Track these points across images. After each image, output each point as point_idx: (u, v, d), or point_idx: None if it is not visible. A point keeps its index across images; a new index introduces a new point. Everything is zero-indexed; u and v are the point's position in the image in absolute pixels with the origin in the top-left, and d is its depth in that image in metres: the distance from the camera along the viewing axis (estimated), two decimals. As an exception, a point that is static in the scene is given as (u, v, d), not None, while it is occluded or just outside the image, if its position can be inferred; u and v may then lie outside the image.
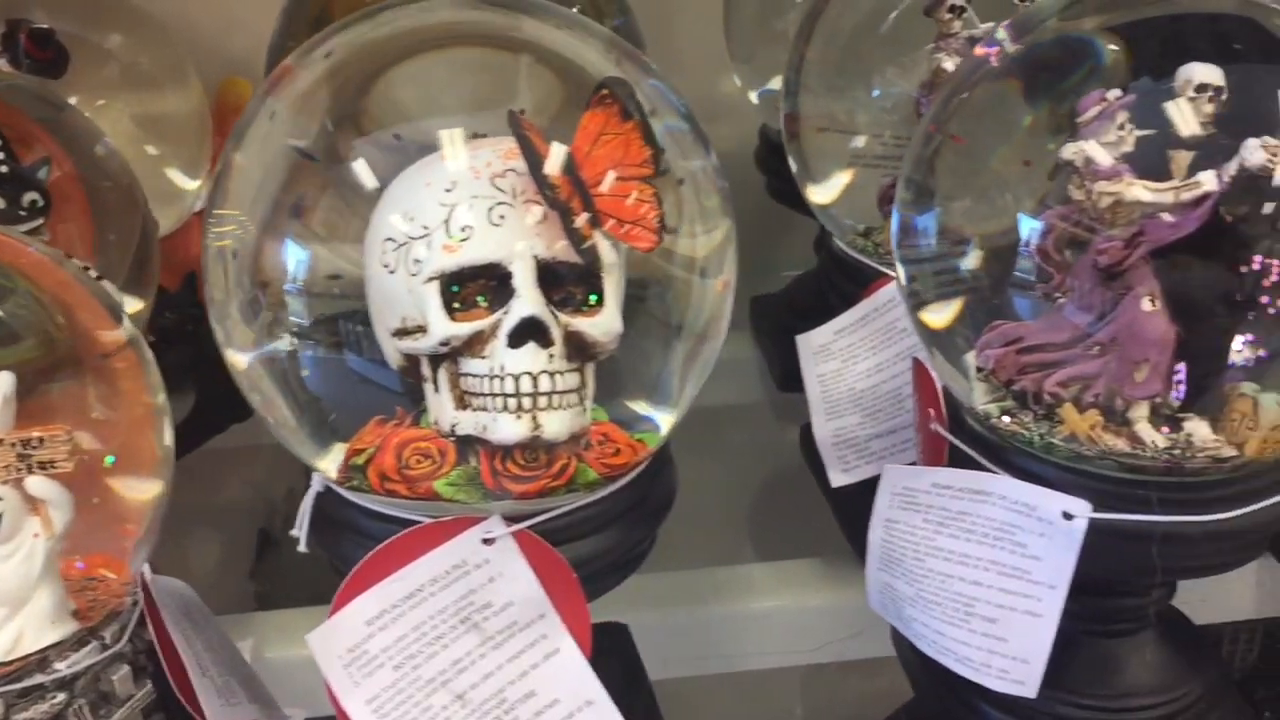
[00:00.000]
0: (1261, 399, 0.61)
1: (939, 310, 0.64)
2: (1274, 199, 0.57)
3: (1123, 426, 0.62)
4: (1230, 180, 0.57)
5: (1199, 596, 0.93)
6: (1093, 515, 0.60)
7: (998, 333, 0.66)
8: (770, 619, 0.85)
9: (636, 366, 0.62)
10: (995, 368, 0.65)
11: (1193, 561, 0.61)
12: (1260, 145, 0.56)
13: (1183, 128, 0.58)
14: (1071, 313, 0.63)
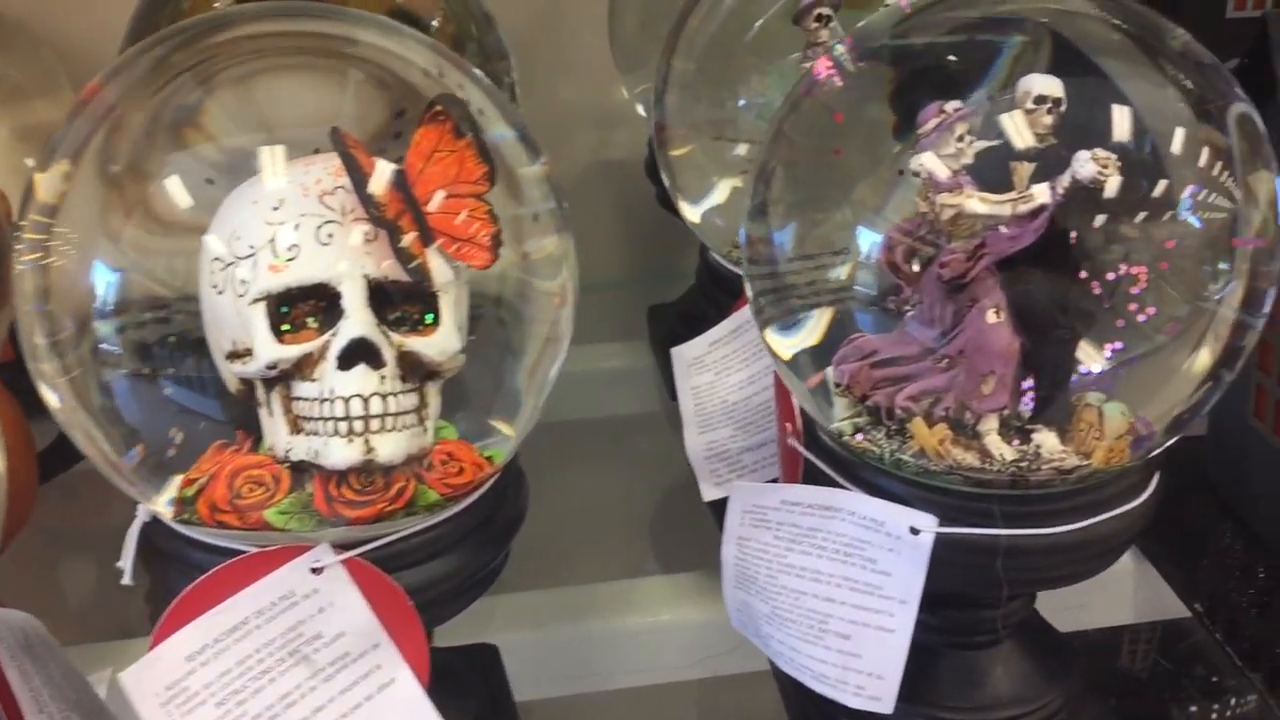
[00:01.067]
0: (1106, 409, 0.61)
1: (785, 327, 0.63)
2: (1107, 210, 0.57)
3: (974, 440, 0.62)
4: (1064, 192, 0.57)
5: (1079, 603, 0.95)
6: (939, 530, 0.60)
7: (853, 346, 0.66)
8: (647, 635, 0.84)
9: (482, 382, 0.61)
10: (850, 383, 0.65)
11: (1039, 574, 0.60)
12: (1090, 157, 0.56)
13: (1017, 140, 0.58)
14: (919, 326, 0.63)
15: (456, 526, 0.60)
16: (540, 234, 0.61)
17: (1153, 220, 0.58)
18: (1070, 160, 0.57)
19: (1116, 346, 0.60)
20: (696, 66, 0.82)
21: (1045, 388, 0.62)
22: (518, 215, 0.59)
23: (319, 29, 0.60)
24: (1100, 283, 0.60)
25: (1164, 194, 0.57)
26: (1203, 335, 0.59)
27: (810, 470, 0.65)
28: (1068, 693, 0.70)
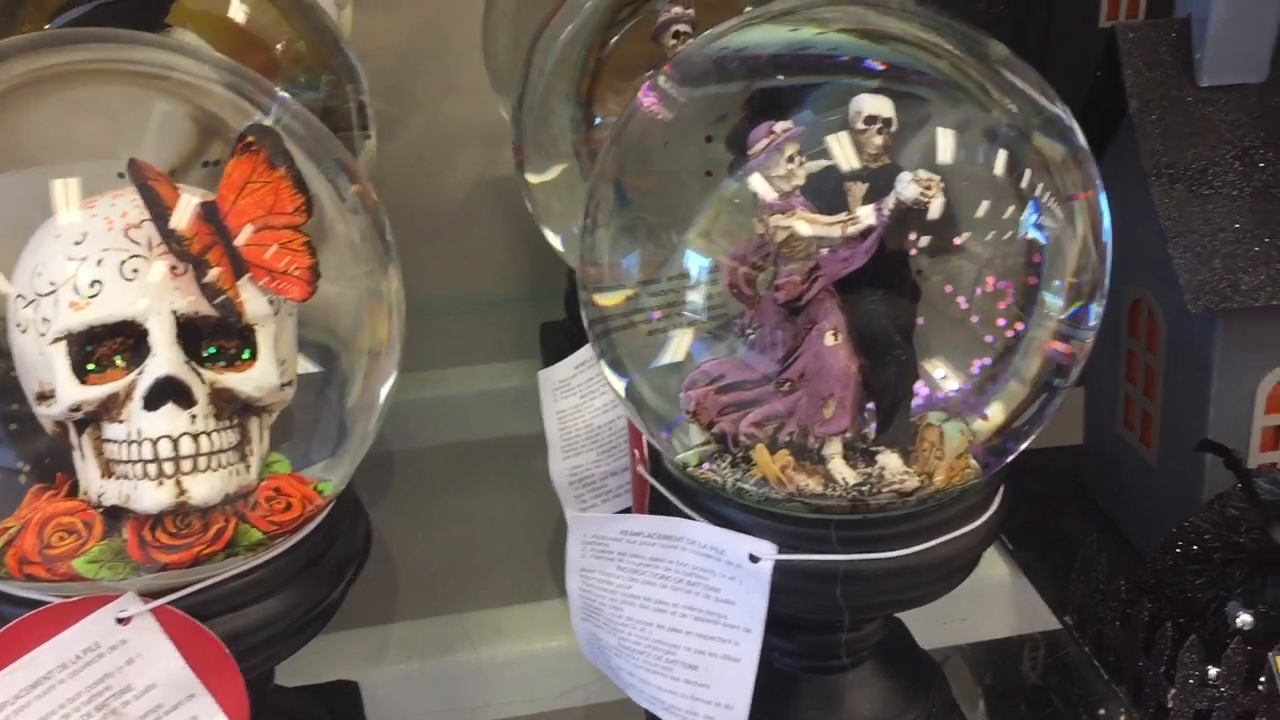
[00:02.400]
0: (946, 428, 0.61)
1: (626, 352, 0.62)
2: (931, 232, 0.56)
3: (819, 464, 0.61)
4: (890, 213, 0.57)
5: (958, 616, 0.95)
6: (778, 557, 0.59)
7: (701, 372, 0.65)
8: (517, 665, 0.82)
9: (309, 414, 0.59)
10: (696, 409, 0.63)
11: (880, 598, 0.60)
12: (913, 179, 0.55)
13: (842, 161, 0.57)
14: (759, 349, 0.62)
15: (284, 565, 0.58)
16: (362, 263, 0.59)
17: (979, 240, 0.57)
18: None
19: (954, 365, 0.60)
20: (550, 86, 0.81)
21: (886, 409, 0.62)
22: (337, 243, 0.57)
23: (129, 56, 0.58)
24: (936, 302, 0.60)
25: (987, 214, 0.57)
26: (1031, 352, 0.59)
27: (656, 498, 0.64)
28: (928, 712, 0.70)
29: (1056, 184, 0.58)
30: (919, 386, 0.60)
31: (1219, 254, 0.73)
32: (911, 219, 0.58)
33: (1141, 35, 0.77)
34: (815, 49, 0.60)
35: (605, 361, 0.62)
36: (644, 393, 0.62)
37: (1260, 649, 0.70)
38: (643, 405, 0.63)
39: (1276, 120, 0.76)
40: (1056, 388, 0.60)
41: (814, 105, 0.59)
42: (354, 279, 0.59)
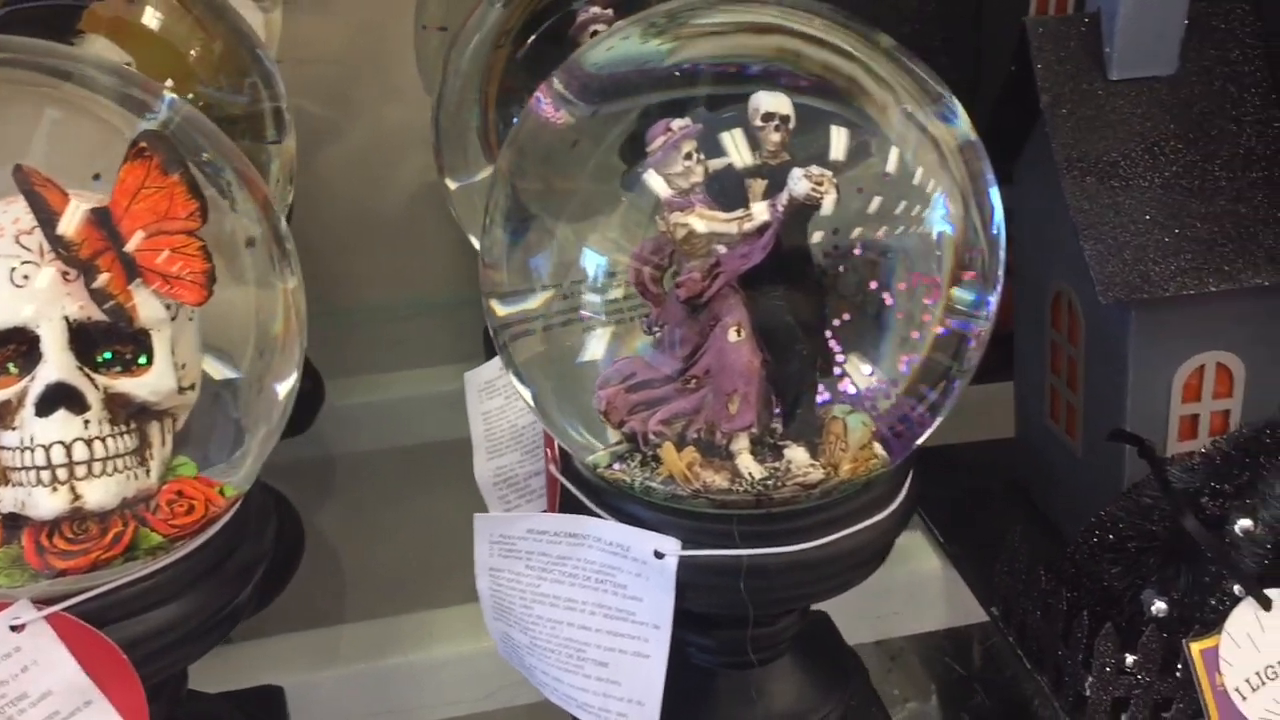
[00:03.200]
0: (849, 420, 0.61)
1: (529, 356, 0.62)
2: (825, 227, 0.57)
3: (727, 460, 0.62)
4: (784, 209, 0.57)
5: (890, 610, 0.95)
6: (682, 553, 0.59)
7: (613, 369, 0.65)
8: (445, 668, 0.82)
9: (206, 416, 0.59)
10: (607, 408, 0.64)
11: (785, 592, 0.60)
12: (804, 175, 0.56)
13: (736, 158, 0.58)
14: (665, 347, 0.63)
15: (186, 569, 0.58)
16: (254, 260, 0.59)
17: (878, 232, 0.58)
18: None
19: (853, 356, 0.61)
20: (466, 89, 0.81)
21: (790, 403, 0.62)
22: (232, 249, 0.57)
23: (22, 61, 0.58)
24: (839, 295, 0.60)
25: (879, 209, 0.58)
26: (927, 342, 0.60)
27: (567, 496, 0.64)
28: (845, 704, 0.70)
29: (946, 177, 0.58)
30: (823, 381, 0.61)
31: (1129, 245, 0.74)
32: (807, 214, 0.59)
33: (1051, 30, 0.77)
34: (708, 47, 0.60)
35: (510, 366, 0.63)
36: (547, 397, 0.62)
37: (1175, 636, 0.70)
38: (548, 409, 0.63)
39: (1186, 112, 0.77)
40: (954, 377, 0.61)
41: (711, 104, 0.59)
42: (247, 282, 0.59)
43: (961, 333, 0.60)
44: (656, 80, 0.59)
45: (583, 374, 0.61)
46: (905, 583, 0.94)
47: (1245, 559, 0.70)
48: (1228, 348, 0.78)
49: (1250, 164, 0.76)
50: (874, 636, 0.94)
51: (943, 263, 0.59)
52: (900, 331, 0.60)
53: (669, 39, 0.60)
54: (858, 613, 0.93)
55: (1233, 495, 0.69)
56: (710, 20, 0.62)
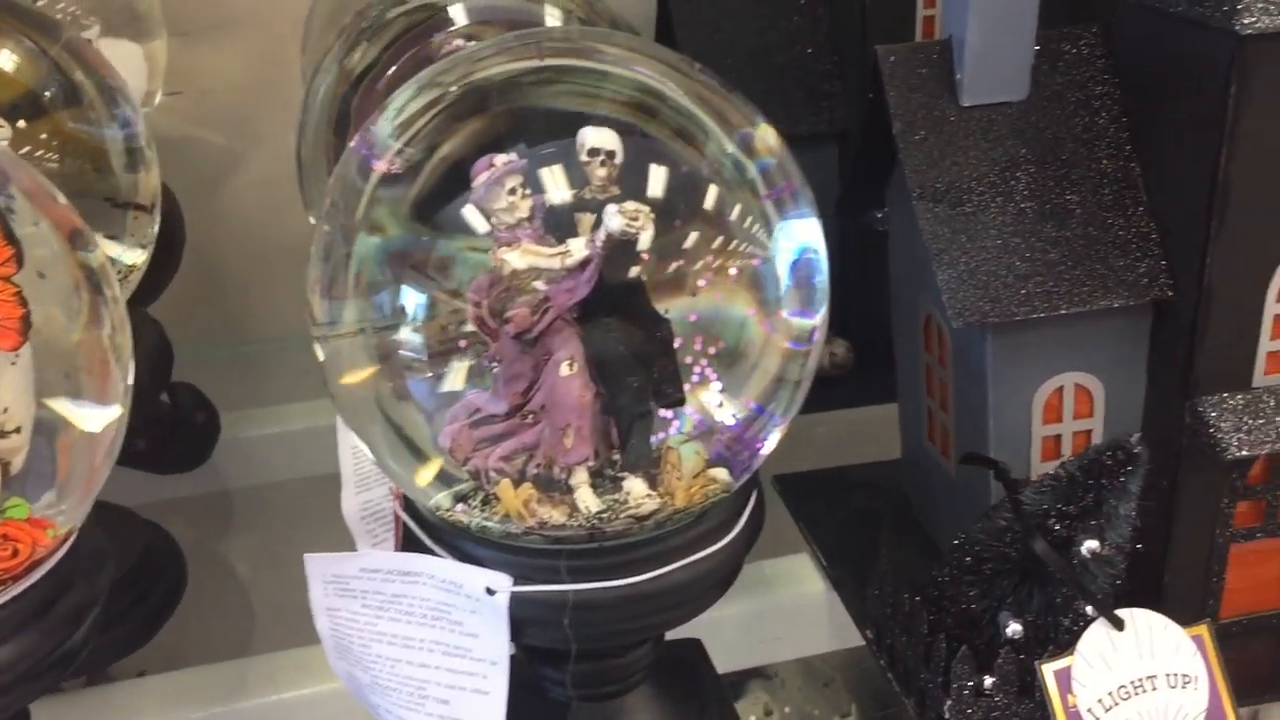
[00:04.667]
0: (683, 449, 0.61)
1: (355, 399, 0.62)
2: (637, 263, 0.57)
3: (568, 494, 0.62)
4: (603, 245, 0.57)
5: (773, 635, 0.95)
6: (513, 589, 0.59)
7: (460, 406, 0.65)
8: (319, 704, 0.81)
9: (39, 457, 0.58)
10: (452, 446, 0.63)
11: (616, 626, 0.60)
12: (618, 210, 0.56)
13: (553, 193, 0.58)
14: (503, 383, 0.63)
15: (13, 612, 0.57)
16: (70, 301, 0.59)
17: (697, 263, 0.58)
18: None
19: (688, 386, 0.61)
20: (322, 120, 0.80)
21: (627, 434, 0.62)
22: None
23: None
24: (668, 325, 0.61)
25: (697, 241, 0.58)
26: (753, 371, 0.60)
27: (408, 533, 0.64)
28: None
29: (757, 206, 0.59)
30: (657, 412, 0.61)
31: (981, 270, 0.75)
32: (632, 247, 0.59)
33: (903, 57, 0.78)
34: (534, 84, 0.61)
35: (339, 410, 0.62)
36: (378, 441, 0.62)
37: (1030, 658, 0.71)
38: (379, 452, 0.62)
39: (1038, 137, 0.77)
40: (783, 400, 0.61)
41: (537, 137, 0.59)
42: (60, 322, 0.58)
43: (787, 358, 0.61)
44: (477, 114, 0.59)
45: (407, 417, 0.60)
46: (789, 607, 0.94)
47: (1098, 579, 0.71)
48: (1086, 369, 0.78)
49: (1101, 187, 0.77)
50: (758, 661, 0.94)
51: (762, 293, 0.59)
52: (727, 359, 0.60)
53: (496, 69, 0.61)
54: (741, 638, 0.94)
55: (1078, 517, 0.70)
56: (539, 52, 0.62)
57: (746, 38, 1.15)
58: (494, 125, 0.59)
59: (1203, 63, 0.69)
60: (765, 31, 1.16)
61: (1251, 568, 0.81)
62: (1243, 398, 0.75)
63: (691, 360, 0.61)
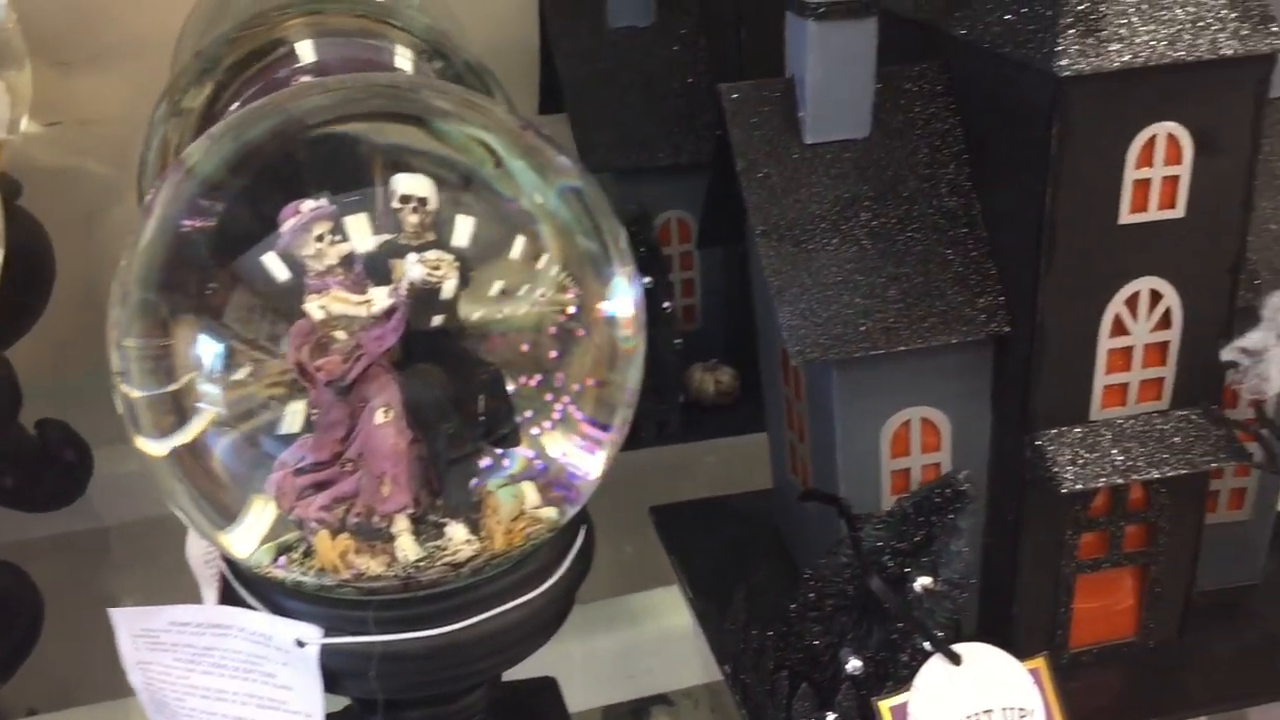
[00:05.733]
0: (500, 493, 0.61)
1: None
2: (445, 310, 0.57)
3: (389, 543, 0.61)
4: (407, 292, 0.57)
5: (645, 668, 0.95)
6: (323, 641, 0.58)
7: (288, 453, 0.64)
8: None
9: None
10: (277, 494, 0.63)
11: (426, 676, 0.59)
12: (419, 259, 0.56)
13: (357, 241, 0.57)
14: (322, 430, 0.62)
15: None
16: None
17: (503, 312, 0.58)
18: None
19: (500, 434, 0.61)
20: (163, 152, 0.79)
21: (447, 480, 0.62)
22: None
23: None
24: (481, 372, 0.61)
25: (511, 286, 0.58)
26: (571, 413, 0.60)
27: (227, 583, 0.63)
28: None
29: (570, 255, 0.59)
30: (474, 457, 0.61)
31: (822, 308, 0.75)
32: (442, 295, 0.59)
33: (745, 95, 0.78)
34: (348, 130, 0.60)
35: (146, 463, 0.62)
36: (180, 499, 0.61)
37: (871, 694, 0.71)
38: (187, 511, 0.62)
39: (880, 174, 0.78)
40: (596, 447, 0.61)
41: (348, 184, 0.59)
42: None
43: (598, 403, 0.61)
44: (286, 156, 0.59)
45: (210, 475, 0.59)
46: (657, 640, 0.94)
47: (935, 614, 0.71)
48: (932, 403, 0.79)
49: (942, 224, 0.77)
50: (626, 696, 0.94)
51: (569, 339, 0.59)
52: (539, 405, 0.60)
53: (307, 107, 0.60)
54: (608, 673, 0.93)
55: (912, 554, 0.70)
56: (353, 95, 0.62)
57: (627, 68, 1.16)
58: (304, 171, 0.59)
59: (1027, 102, 0.70)
60: (645, 62, 1.16)
61: (1099, 597, 0.82)
62: (1080, 431, 0.76)
63: (511, 406, 0.61)
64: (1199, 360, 0.76)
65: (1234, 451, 0.76)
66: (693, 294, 1.23)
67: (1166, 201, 0.71)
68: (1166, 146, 0.70)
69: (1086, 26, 0.67)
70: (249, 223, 0.58)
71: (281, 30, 0.80)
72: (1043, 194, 0.70)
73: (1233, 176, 0.72)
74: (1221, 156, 0.71)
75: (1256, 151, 0.72)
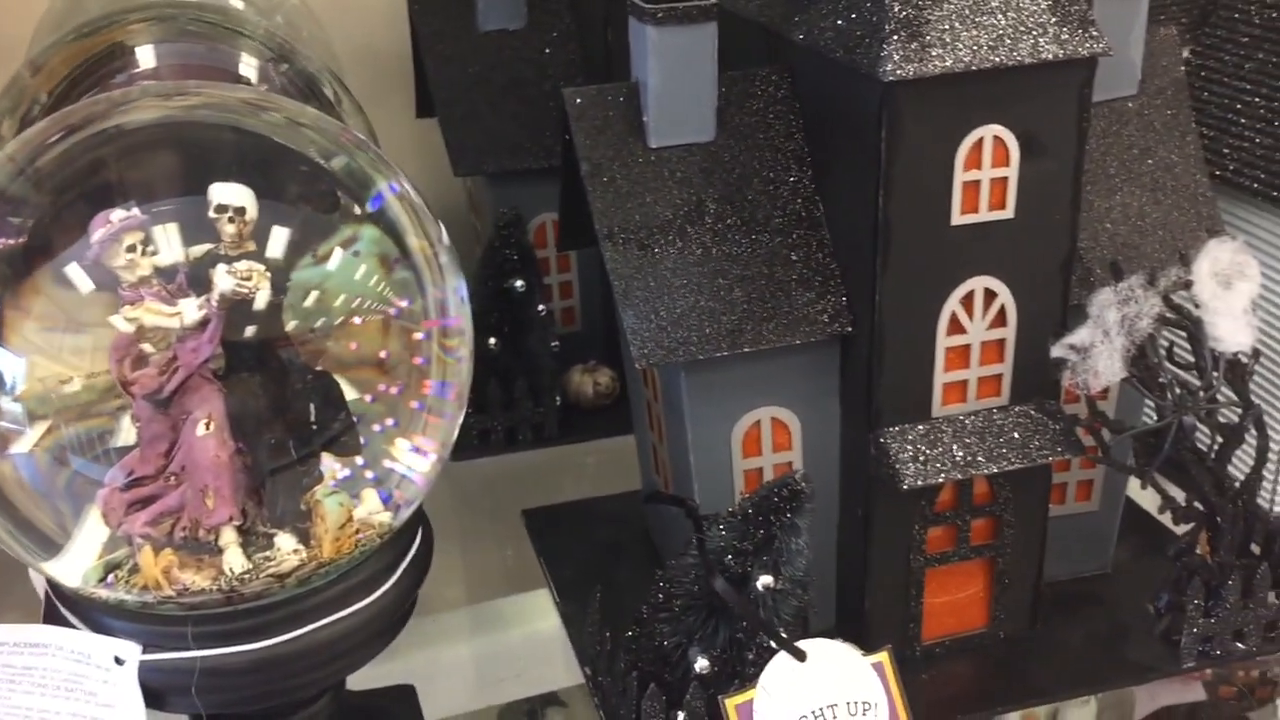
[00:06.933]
0: (326, 501, 0.61)
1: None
2: (264, 321, 0.56)
3: (217, 556, 0.61)
4: (218, 304, 0.57)
5: (514, 672, 0.94)
6: (142, 658, 0.58)
7: (117, 468, 0.63)
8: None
9: None
10: (104, 510, 0.62)
11: (247, 691, 0.59)
12: (228, 271, 0.56)
13: (167, 252, 0.57)
14: (146, 443, 0.61)
15: None
16: None
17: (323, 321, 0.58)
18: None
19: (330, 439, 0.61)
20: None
21: (273, 491, 0.61)
22: None
23: None
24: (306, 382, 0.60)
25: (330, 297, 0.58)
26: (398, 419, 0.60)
27: (50, 602, 0.62)
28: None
29: (392, 257, 0.59)
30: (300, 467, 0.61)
31: (666, 311, 0.76)
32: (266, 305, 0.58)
33: (590, 99, 0.79)
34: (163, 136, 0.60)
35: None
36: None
37: (719, 693, 0.72)
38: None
39: (725, 177, 0.79)
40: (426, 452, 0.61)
41: (162, 193, 0.58)
42: None
43: (428, 409, 0.61)
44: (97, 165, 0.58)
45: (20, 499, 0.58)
46: (524, 644, 0.94)
47: (781, 612, 0.72)
48: (781, 403, 0.80)
49: (787, 227, 0.78)
50: (495, 701, 0.94)
51: (395, 344, 0.59)
52: (368, 412, 0.60)
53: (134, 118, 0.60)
54: (476, 677, 0.93)
55: (754, 553, 0.71)
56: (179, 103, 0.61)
57: (498, 72, 1.16)
58: (115, 181, 0.58)
59: (858, 107, 0.71)
60: (516, 65, 1.16)
61: (949, 590, 0.84)
62: (922, 428, 0.77)
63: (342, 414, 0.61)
64: (1036, 357, 0.77)
65: (1071, 445, 0.78)
66: (571, 296, 1.24)
67: (996, 202, 0.73)
68: (994, 149, 0.72)
69: (910, 32, 0.68)
70: (58, 236, 0.57)
71: (123, 34, 0.79)
72: (876, 196, 0.71)
73: (1060, 177, 0.74)
74: (1048, 158, 0.73)
75: (1082, 152, 0.74)
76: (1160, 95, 0.86)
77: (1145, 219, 0.84)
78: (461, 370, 0.62)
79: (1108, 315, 0.74)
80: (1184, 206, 0.85)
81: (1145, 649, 0.85)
